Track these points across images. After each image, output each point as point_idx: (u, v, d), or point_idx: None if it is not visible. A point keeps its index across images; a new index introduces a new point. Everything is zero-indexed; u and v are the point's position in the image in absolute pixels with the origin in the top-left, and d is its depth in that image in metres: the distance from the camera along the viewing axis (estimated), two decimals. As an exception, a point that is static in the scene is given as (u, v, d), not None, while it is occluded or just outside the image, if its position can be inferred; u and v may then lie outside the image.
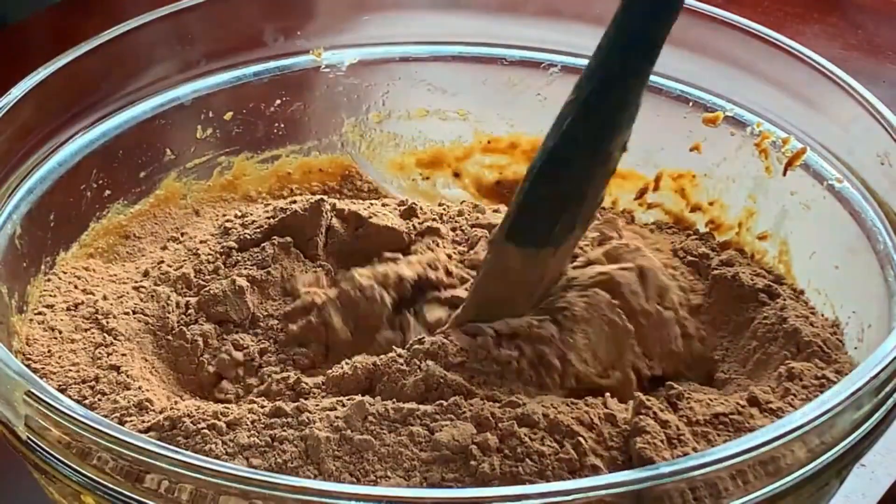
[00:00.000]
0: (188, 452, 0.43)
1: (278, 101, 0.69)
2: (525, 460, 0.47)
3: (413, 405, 0.49)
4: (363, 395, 0.50)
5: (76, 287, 0.59)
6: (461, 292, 0.58)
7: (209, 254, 0.60)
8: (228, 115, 0.68)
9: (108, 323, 0.56)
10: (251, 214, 0.62)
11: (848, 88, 0.59)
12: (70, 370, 0.54)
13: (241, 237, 0.60)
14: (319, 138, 0.70)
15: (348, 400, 0.50)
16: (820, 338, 0.56)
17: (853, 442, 0.45)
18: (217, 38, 0.67)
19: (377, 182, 0.71)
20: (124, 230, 0.64)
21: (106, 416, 0.50)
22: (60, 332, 0.56)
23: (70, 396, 0.51)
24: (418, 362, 0.51)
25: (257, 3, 0.69)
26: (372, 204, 0.64)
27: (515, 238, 0.52)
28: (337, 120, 0.71)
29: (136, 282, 0.59)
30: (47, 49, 0.64)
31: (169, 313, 0.57)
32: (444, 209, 0.65)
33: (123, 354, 0.55)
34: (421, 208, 0.64)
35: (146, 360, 0.55)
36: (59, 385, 0.53)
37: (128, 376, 0.53)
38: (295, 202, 0.61)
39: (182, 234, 0.64)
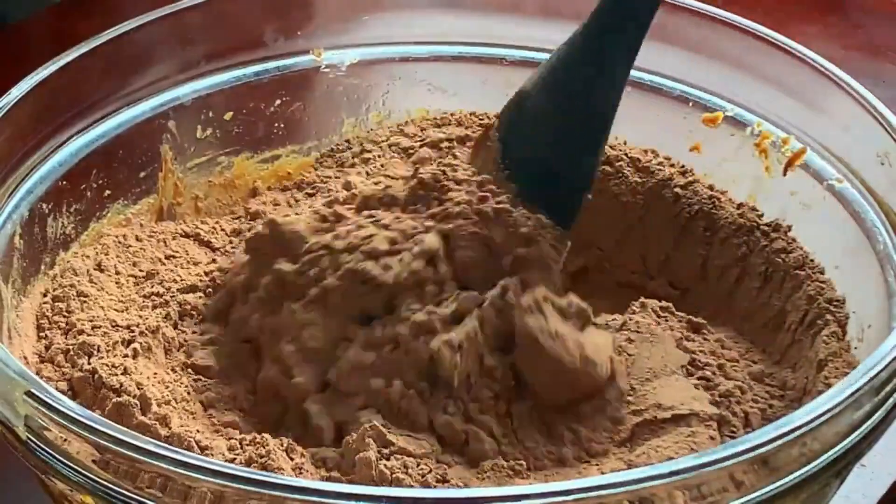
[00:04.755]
0: (188, 452, 0.43)
1: (278, 101, 0.69)
2: None
3: None
4: None
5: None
6: None
7: None
8: (228, 115, 0.68)
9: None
10: None
11: (848, 88, 0.59)
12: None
13: None
14: (319, 138, 0.70)
15: None
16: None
17: (853, 442, 0.45)
18: (217, 38, 0.67)
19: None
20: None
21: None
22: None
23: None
24: None
25: (257, 3, 0.69)
26: None
27: None
28: (337, 120, 0.71)
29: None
30: (47, 49, 0.63)
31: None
32: None
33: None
34: None
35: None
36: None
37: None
38: None
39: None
